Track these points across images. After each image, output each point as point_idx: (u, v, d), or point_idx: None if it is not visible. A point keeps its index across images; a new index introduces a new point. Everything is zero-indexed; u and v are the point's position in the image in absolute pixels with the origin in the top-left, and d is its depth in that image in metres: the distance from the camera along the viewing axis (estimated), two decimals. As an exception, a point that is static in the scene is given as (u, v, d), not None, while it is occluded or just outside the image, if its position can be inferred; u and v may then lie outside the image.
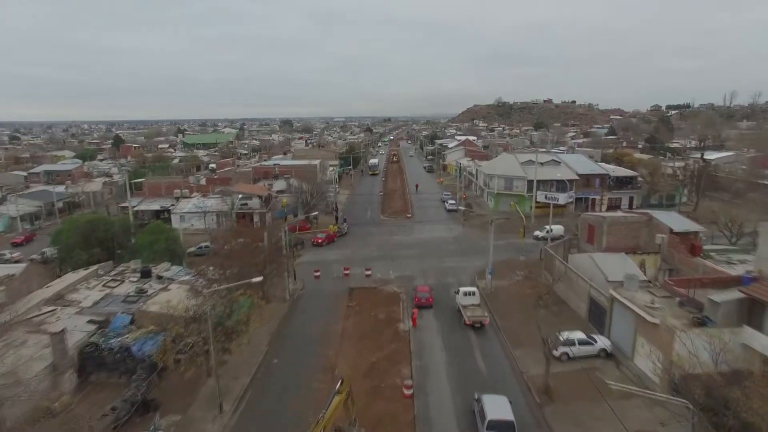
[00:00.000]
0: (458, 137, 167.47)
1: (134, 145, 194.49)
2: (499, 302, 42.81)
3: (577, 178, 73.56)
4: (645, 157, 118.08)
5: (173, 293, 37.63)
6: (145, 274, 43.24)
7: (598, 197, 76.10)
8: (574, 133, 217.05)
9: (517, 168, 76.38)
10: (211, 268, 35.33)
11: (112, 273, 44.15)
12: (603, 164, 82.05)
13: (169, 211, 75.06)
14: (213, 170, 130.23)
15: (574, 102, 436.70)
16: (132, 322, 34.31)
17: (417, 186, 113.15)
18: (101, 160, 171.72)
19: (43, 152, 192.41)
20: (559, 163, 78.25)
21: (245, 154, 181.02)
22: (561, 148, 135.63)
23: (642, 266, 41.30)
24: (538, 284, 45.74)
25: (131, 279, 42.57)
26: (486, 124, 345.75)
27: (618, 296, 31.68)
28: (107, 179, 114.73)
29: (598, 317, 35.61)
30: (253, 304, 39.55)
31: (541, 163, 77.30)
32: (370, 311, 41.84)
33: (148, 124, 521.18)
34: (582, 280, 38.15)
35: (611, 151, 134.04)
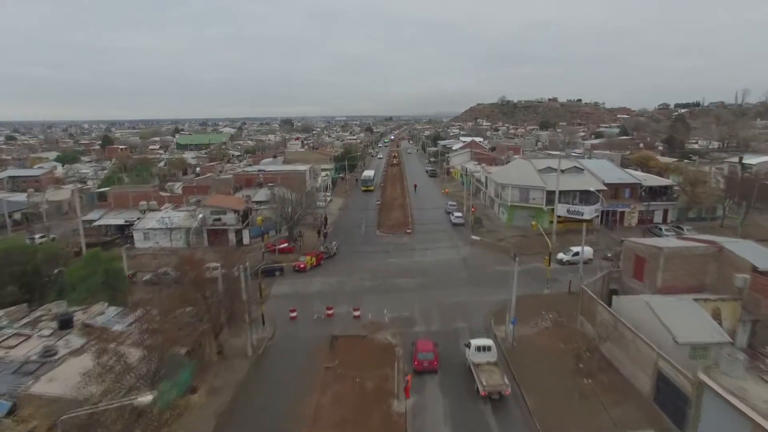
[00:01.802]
0: (463, 138, 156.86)
1: (121, 147, 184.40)
2: (525, 362, 32.58)
3: (604, 188, 63.18)
4: (668, 160, 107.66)
5: (84, 361, 27.60)
6: (65, 324, 33.11)
7: (627, 210, 65.71)
8: (583, 133, 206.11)
9: (535, 176, 66.01)
10: (112, 345, 24.78)
11: (23, 322, 34.08)
12: (631, 171, 71.55)
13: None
14: (198, 174, 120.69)
15: (579, 101, 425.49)
16: (12, 411, 24.26)
17: (416, 186, 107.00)
18: (88, 162, 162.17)
19: (30, 153, 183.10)
20: (582, 170, 67.87)
21: (237, 156, 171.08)
22: (577, 151, 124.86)
23: (716, 316, 31.13)
24: (572, 334, 35.74)
25: (43, 332, 32.48)
26: (490, 123, 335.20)
27: (715, 386, 21.41)
28: (80, 186, 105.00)
29: (670, 401, 25.35)
30: (199, 367, 29.61)
31: (562, 171, 66.97)
32: (355, 374, 31.72)
33: (150, 124, 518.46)
34: (642, 342, 27.84)
35: (628, 152, 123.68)
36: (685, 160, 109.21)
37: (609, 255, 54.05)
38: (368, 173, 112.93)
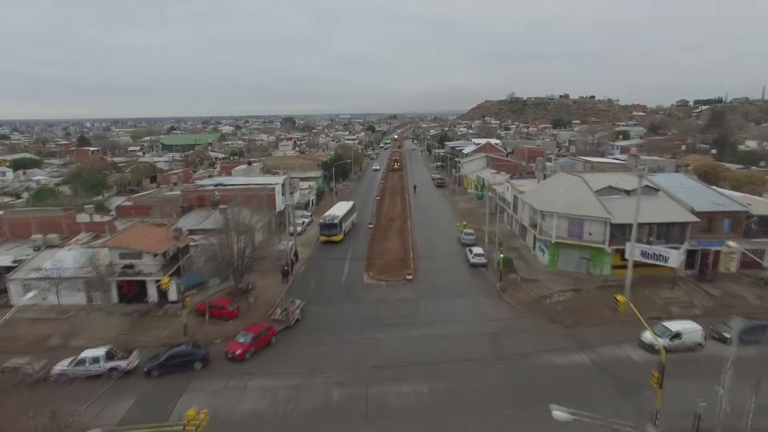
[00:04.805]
0: (475, 140, 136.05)
1: (92, 149, 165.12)
2: None
3: (696, 219, 43.09)
4: (734, 167, 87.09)
5: None
6: None
7: (724, 249, 45.47)
8: (606, 132, 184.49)
9: (591, 201, 45.77)
10: None
11: None
12: (725, 192, 50.93)
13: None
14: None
15: (593, 97, 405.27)
16: None
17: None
18: (62, 165, 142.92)
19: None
20: (657, 191, 47.74)
21: (222, 159, 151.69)
22: (617, 155, 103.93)
23: None
24: None
25: None
26: (498, 122, 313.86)
27: None
28: (11, 200, 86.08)
29: None
30: None
31: (627, 192, 47.02)
32: None
33: (153, 122, 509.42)
34: None
35: (670, 156, 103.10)
36: (753, 167, 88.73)
37: (725, 333, 34.13)
38: (335, 211, 64.44)
